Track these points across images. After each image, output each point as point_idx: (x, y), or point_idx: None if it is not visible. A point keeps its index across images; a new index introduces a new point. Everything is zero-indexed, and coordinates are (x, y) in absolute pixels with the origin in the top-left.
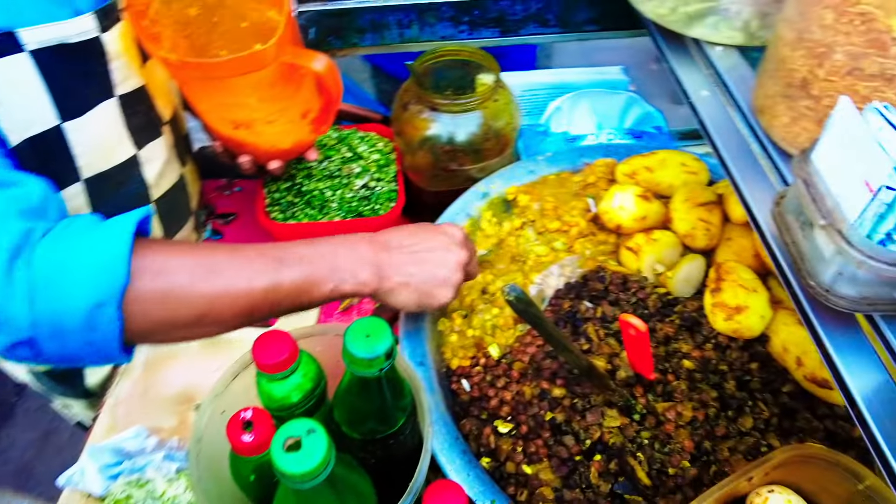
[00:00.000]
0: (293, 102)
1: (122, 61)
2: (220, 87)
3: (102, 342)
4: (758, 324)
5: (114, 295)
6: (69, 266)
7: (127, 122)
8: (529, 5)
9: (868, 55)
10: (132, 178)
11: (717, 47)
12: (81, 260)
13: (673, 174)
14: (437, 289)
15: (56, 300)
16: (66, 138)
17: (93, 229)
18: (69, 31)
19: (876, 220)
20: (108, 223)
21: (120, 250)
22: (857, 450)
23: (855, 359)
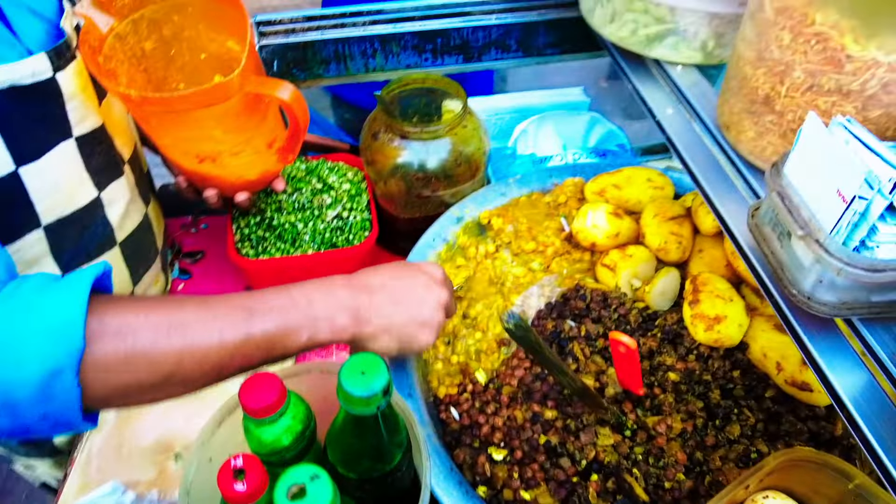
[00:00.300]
0: (258, 132)
1: (78, 101)
2: (183, 121)
3: (60, 413)
4: (737, 332)
5: (70, 362)
6: (19, 331)
7: (86, 163)
8: (491, 32)
9: (825, 72)
10: (96, 220)
11: (677, 66)
12: (33, 324)
13: (640, 190)
14: (419, 331)
15: (5, 370)
16: (24, 184)
17: (44, 290)
18: (21, 72)
19: (851, 228)
20: (62, 283)
21: (75, 312)
22: (840, 448)
23: (838, 361)
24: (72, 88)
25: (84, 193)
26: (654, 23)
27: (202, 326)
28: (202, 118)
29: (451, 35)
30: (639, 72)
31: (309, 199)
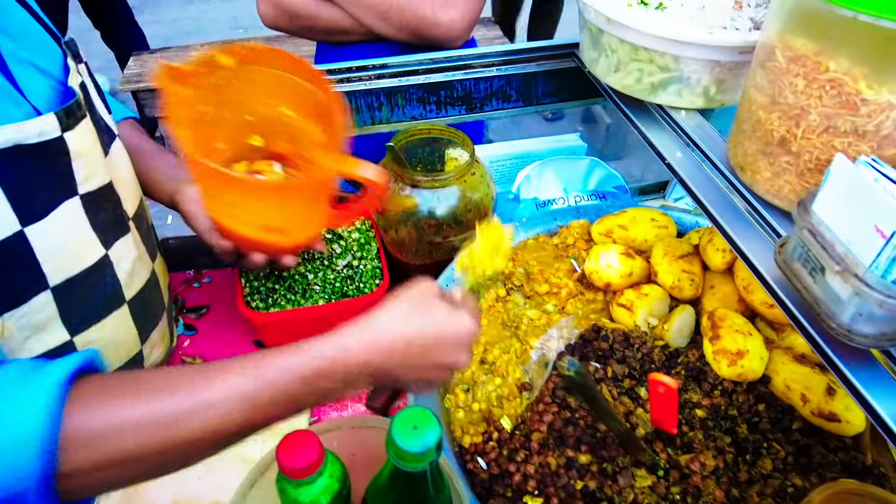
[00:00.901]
0: (324, 201)
1: (85, 159)
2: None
3: None
4: (759, 366)
5: (34, 483)
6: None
7: (92, 221)
8: (492, 83)
9: (841, 115)
10: (105, 279)
11: (681, 111)
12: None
13: (645, 230)
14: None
15: None
16: (30, 244)
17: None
18: (27, 132)
19: (889, 262)
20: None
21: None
22: (872, 477)
23: (881, 390)
24: (80, 147)
25: (91, 252)
26: (658, 71)
27: (194, 419)
28: (289, 196)
29: (455, 87)
30: (643, 117)
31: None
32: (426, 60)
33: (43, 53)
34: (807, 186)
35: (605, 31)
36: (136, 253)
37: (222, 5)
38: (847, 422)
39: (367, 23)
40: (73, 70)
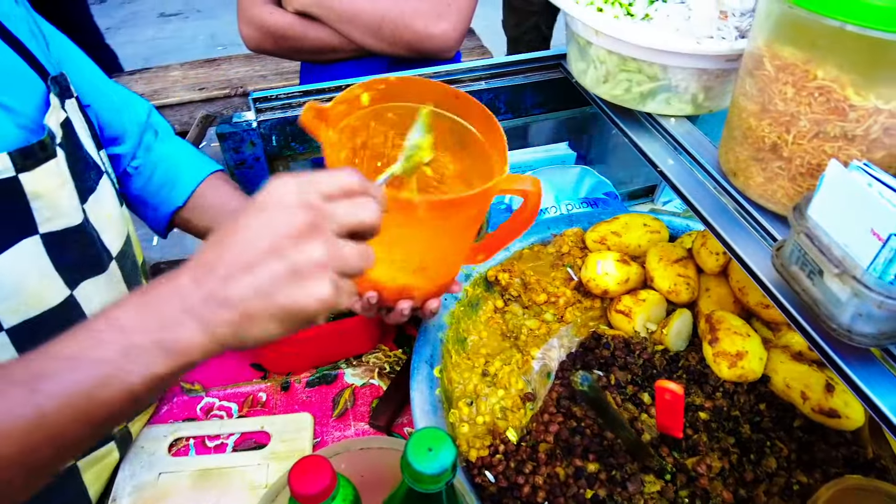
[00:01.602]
0: (472, 233)
1: (47, 200)
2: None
3: None
4: (759, 366)
5: None
6: None
7: (55, 261)
8: (481, 97)
9: (830, 121)
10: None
11: (670, 119)
12: None
13: (638, 236)
14: (296, 294)
15: None
16: None
17: None
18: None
19: (886, 264)
20: None
21: None
22: (875, 471)
23: (882, 387)
24: (39, 188)
25: (53, 293)
26: (647, 81)
27: None
28: (456, 225)
29: None
30: (633, 126)
31: None
32: (416, 76)
33: (15, 90)
34: (800, 190)
35: (594, 43)
36: (114, 293)
37: (200, 23)
38: (847, 417)
39: (358, 40)
40: (53, 107)
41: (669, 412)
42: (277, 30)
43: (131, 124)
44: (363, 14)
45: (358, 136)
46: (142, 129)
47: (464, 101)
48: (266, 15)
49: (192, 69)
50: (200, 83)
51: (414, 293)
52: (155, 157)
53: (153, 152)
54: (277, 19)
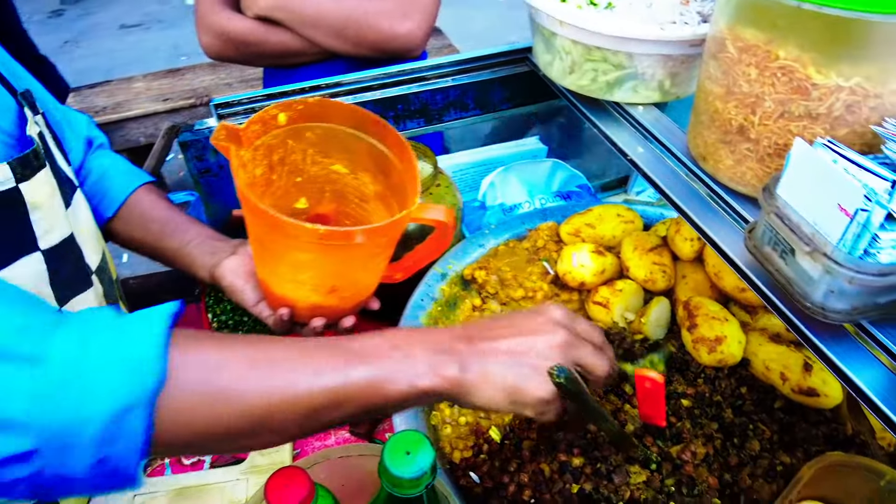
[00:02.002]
0: (388, 255)
1: (44, 211)
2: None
3: (119, 458)
4: (738, 350)
5: (145, 398)
6: (91, 361)
7: (52, 278)
8: (449, 93)
9: (794, 100)
10: None
11: (638, 107)
12: (107, 354)
13: (612, 226)
14: (528, 380)
15: (71, 405)
16: None
17: (118, 320)
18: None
19: (854, 239)
20: (137, 315)
21: (154, 342)
22: (854, 446)
23: (857, 362)
24: (37, 198)
25: None
26: (613, 70)
27: (295, 366)
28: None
29: (412, 100)
30: (601, 116)
31: None
32: (380, 76)
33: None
34: (768, 171)
35: (558, 34)
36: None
37: (161, 34)
38: (825, 395)
39: (321, 42)
40: (30, 119)
41: (651, 401)
42: (238, 36)
43: (77, 140)
44: (326, 16)
45: (275, 153)
46: (85, 144)
47: (381, 126)
48: (225, 21)
49: (155, 80)
50: (164, 94)
51: (326, 312)
52: (88, 169)
53: (87, 165)
54: (237, 25)
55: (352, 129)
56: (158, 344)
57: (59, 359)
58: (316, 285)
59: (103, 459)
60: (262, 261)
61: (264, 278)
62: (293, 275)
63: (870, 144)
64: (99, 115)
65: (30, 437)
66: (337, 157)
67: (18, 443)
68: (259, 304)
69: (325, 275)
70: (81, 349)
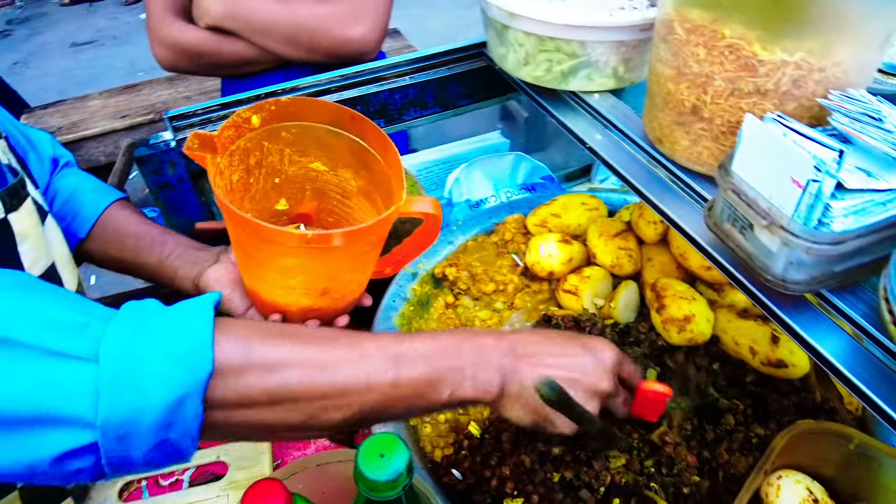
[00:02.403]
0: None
1: (31, 241)
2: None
3: (175, 441)
4: (707, 327)
5: (197, 387)
6: (144, 354)
7: None
8: (407, 92)
9: (742, 77)
10: None
11: (594, 95)
12: (159, 346)
13: (577, 214)
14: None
15: (131, 397)
16: None
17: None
18: None
19: (808, 210)
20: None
21: (203, 334)
22: (823, 413)
23: (819, 331)
24: (25, 228)
25: None
26: (566, 59)
27: (352, 367)
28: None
29: (371, 101)
30: (558, 106)
31: None
32: (337, 78)
33: None
34: (723, 149)
35: (510, 26)
36: None
37: (116, 50)
38: (793, 365)
39: (275, 50)
40: (2, 148)
41: (650, 406)
42: (191, 47)
43: (41, 161)
44: (278, 24)
45: (251, 157)
46: (51, 165)
47: (359, 121)
48: (177, 33)
49: (111, 97)
50: (122, 111)
51: (319, 314)
52: (54, 190)
53: (52, 186)
54: (190, 36)
55: (329, 125)
56: (206, 334)
57: (114, 355)
58: (307, 289)
59: (161, 443)
60: (248, 269)
61: (252, 286)
62: (282, 280)
63: (817, 117)
64: (55, 135)
65: (93, 431)
66: (315, 155)
67: (83, 436)
68: (248, 311)
69: (315, 277)
70: (133, 344)
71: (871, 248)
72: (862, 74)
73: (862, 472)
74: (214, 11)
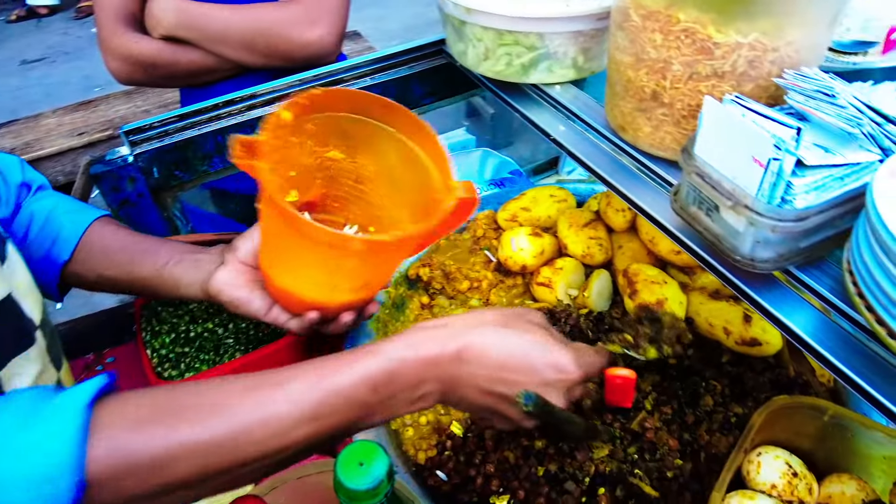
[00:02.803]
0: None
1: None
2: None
3: None
4: (680, 310)
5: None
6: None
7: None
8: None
9: (699, 61)
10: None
11: (555, 86)
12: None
13: (547, 207)
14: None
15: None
16: None
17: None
18: None
19: (771, 188)
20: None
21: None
22: (797, 387)
23: (787, 306)
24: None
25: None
26: (526, 52)
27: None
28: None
29: None
30: (521, 100)
31: None
32: (296, 82)
33: None
34: (685, 133)
35: (467, 21)
36: (39, 366)
37: (69, 66)
38: (767, 343)
39: (233, 57)
40: None
41: (620, 392)
42: (146, 58)
43: (6, 187)
44: (233, 31)
45: (278, 153)
46: (18, 190)
47: (391, 108)
48: (131, 44)
49: (66, 114)
50: (78, 128)
51: (353, 305)
52: (29, 215)
53: (26, 211)
54: (144, 47)
55: (354, 113)
56: (68, 452)
57: None
58: (352, 286)
59: None
60: (287, 269)
61: (287, 286)
62: (328, 277)
63: (774, 97)
64: None
65: None
66: (334, 144)
67: None
68: (271, 311)
69: (365, 274)
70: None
71: (833, 222)
72: (813, 53)
73: (837, 443)
74: (168, 21)
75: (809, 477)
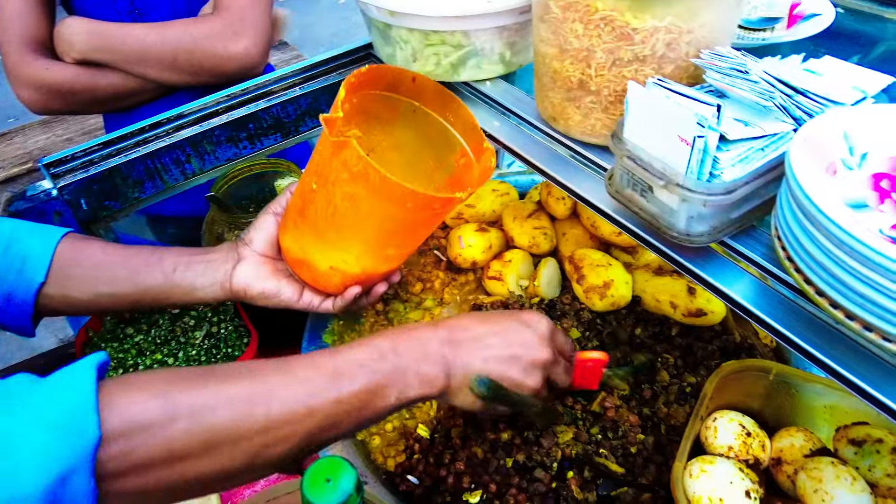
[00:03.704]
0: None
1: None
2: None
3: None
4: (627, 290)
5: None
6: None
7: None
8: (300, 103)
9: (620, 47)
10: None
11: (485, 83)
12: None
13: (490, 202)
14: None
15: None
16: None
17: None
18: None
19: (699, 165)
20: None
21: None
22: (745, 351)
23: (726, 276)
24: None
25: None
26: (453, 51)
27: (288, 393)
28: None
29: (262, 117)
30: None
31: (170, 329)
32: (223, 98)
33: None
34: (614, 118)
35: (393, 25)
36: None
37: None
38: (711, 312)
39: (156, 77)
40: None
41: (589, 375)
42: (62, 85)
43: None
44: (152, 49)
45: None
46: None
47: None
48: (43, 72)
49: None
50: None
51: (388, 275)
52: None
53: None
54: (58, 74)
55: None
56: (86, 398)
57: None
58: (400, 252)
59: None
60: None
61: (335, 263)
62: (385, 248)
63: (694, 76)
64: None
65: None
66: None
67: None
68: (303, 296)
69: (417, 236)
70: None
71: (759, 192)
72: (725, 32)
73: (783, 399)
74: (81, 44)
75: (762, 435)
